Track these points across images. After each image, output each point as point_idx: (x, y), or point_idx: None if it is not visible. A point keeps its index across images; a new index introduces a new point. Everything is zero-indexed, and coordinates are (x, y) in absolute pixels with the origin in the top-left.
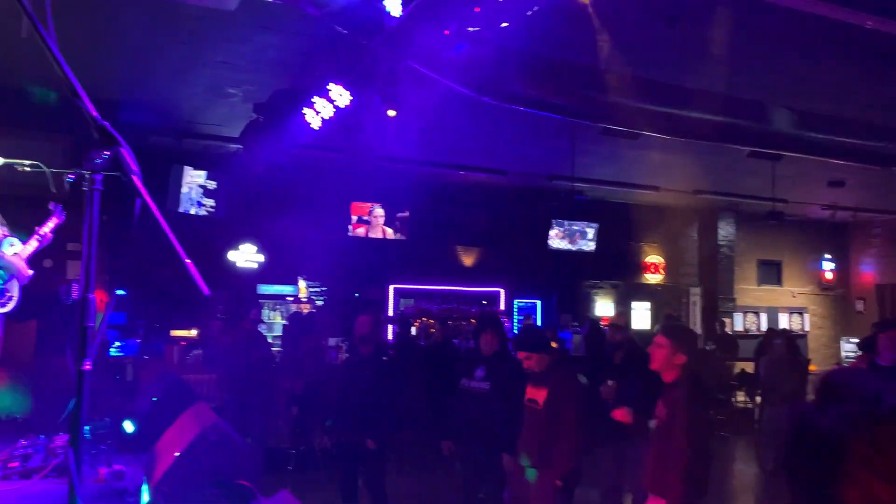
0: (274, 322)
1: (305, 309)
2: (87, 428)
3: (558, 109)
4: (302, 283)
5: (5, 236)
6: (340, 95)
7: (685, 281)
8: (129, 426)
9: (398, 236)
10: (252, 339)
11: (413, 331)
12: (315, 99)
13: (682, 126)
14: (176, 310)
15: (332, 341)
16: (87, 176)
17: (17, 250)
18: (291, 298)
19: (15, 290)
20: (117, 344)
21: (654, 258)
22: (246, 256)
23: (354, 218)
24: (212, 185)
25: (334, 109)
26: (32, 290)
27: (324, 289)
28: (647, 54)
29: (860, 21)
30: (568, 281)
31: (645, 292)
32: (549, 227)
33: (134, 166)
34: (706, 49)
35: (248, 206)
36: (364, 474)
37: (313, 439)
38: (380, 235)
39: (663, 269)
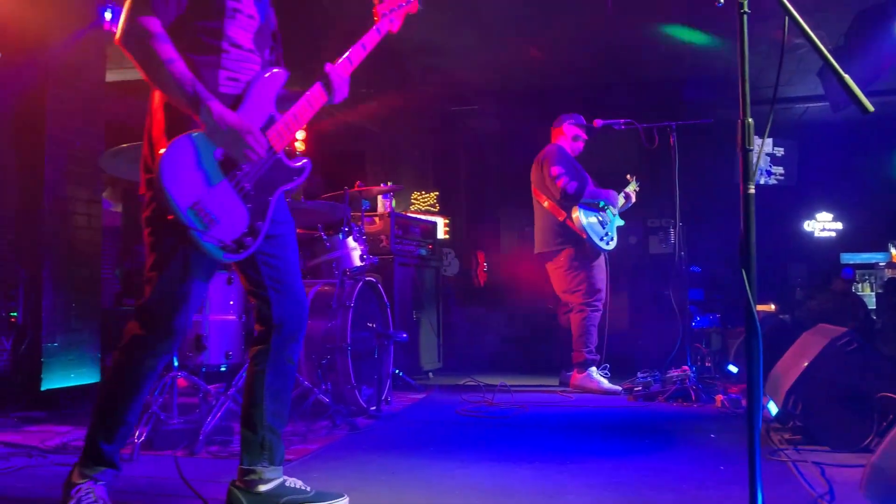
0: (862, 293)
1: None
2: (735, 370)
3: None
4: (894, 249)
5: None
6: None
7: None
8: (733, 368)
9: None
10: (845, 304)
11: None
12: None
13: None
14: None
15: None
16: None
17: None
18: (884, 265)
19: (615, 232)
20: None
21: None
22: (822, 225)
23: None
24: (779, 151)
25: None
26: None
27: None
28: None
29: None
30: None
31: None
32: None
33: None
34: None
35: (821, 171)
36: None
37: None
38: None
39: None
